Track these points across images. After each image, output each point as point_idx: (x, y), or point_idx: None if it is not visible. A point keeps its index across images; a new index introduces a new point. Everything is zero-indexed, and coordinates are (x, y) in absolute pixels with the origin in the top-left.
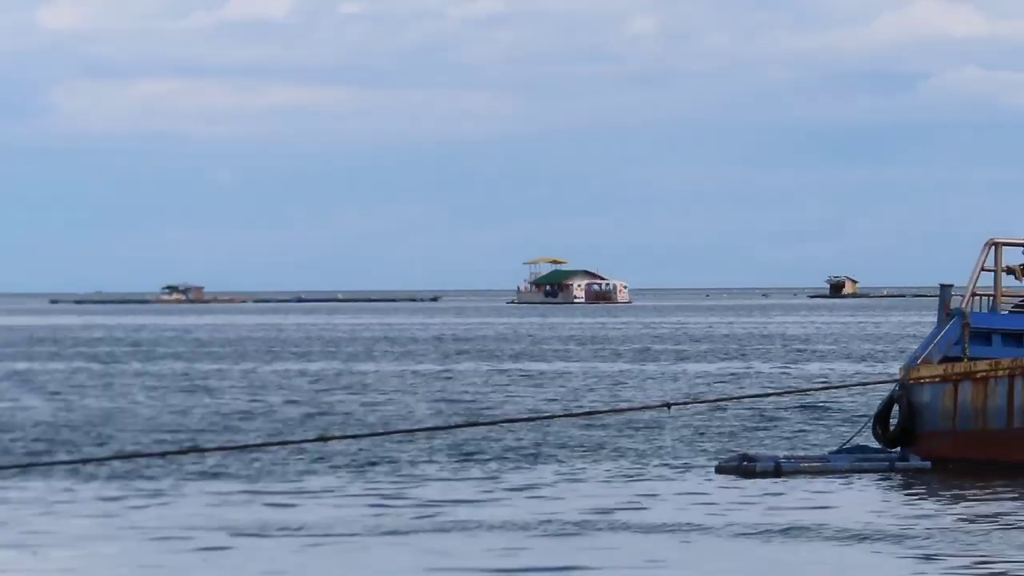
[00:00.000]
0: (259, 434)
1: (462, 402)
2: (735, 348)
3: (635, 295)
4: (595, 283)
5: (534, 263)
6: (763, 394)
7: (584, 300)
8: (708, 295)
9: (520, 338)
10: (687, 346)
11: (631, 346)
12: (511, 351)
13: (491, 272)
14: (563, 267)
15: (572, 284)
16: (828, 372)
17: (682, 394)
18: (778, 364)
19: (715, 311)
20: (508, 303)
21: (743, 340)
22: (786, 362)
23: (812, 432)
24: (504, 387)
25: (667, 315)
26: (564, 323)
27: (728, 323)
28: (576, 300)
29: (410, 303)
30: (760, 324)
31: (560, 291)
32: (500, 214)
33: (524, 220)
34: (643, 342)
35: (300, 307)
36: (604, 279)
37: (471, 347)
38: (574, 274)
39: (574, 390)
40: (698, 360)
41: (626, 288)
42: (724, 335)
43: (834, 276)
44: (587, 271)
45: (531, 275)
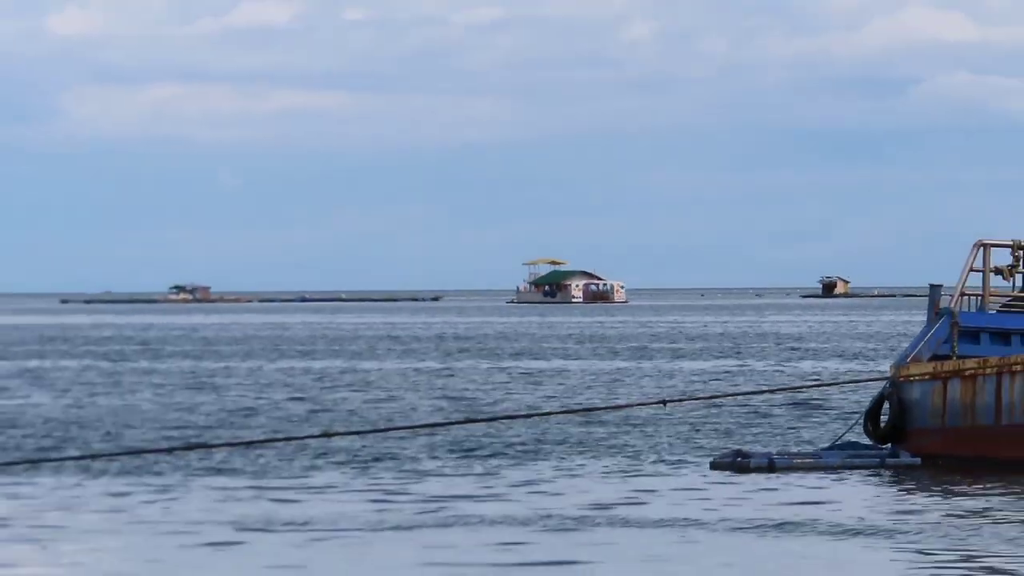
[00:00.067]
0: (264, 430)
1: (463, 399)
2: (730, 346)
3: (632, 295)
4: (593, 283)
5: (533, 264)
6: (757, 391)
7: (582, 300)
8: (703, 295)
9: (520, 337)
10: (683, 344)
11: (628, 344)
12: (511, 349)
13: (491, 272)
14: (561, 268)
15: (570, 284)
16: (820, 370)
17: (678, 391)
18: (772, 362)
19: (710, 310)
20: (508, 303)
21: (737, 339)
22: (780, 360)
23: (804, 429)
24: (504, 384)
25: (663, 314)
26: (563, 322)
27: (723, 322)
28: (574, 300)
29: (412, 303)
30: (754, 323)
31: (559, 291)
32: (500, 216)
33: (523, 221)
34: (640, 341)
35: (304, 306)
36: (601, 279)
37: (472, 345)
38: (572, 274)
39: (572, 387)
40: (694, 358)
41: (623, 288)
42: (719, 334)
43: (826, 276)
44: (585, 271)
45: (530, 275)
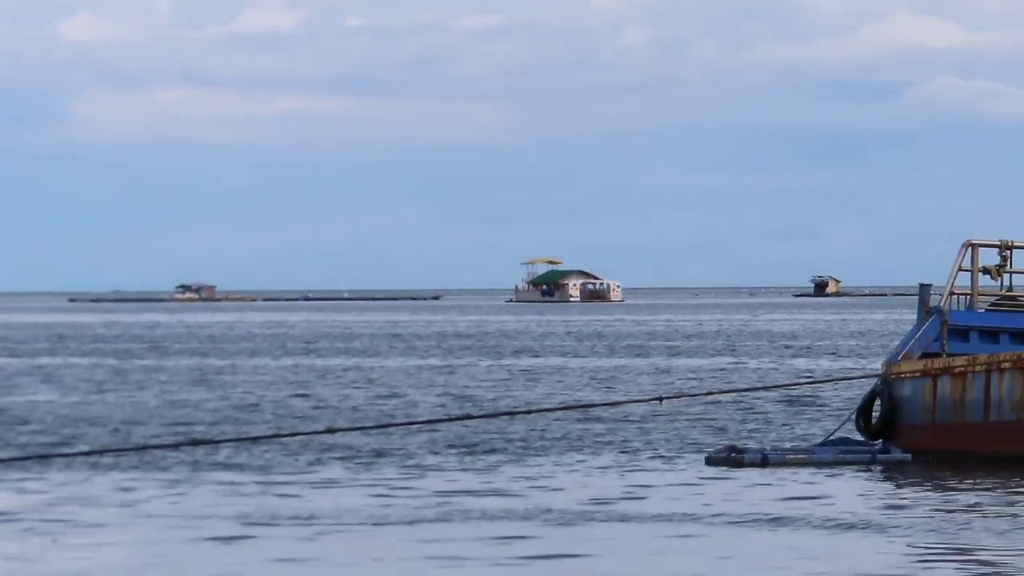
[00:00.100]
0: (269, 426)
1: (464, 396)
2: (724, 344)
3: (628, 294)
4: (590, 282)
5: (531, 263)
6: (751, 388)
7: (579, 299)
8: (697, 294)
9: (519, 335)
10: (678, 342)
11: (625, 343)
12: (511, 347)
13: (490, 272)
14: (559, 267)
15: (568, 283)
16: (813, 367)
17: (674, 388)
18: (766, 360)
19: (704, 309)
20: (507, 302)
21: (732, 337)
22: (773, 358)
23: (798, 425)
24: (504, 382)
25: (659, 313)
26: (560, 321)
27: (717, 320)
28: (572, 299)
29: (413, 301)
30: (748, 321)
31: (556, 290)
32: (499, 216)
33: (522, 222)
34: (636, 339)
35: (308, 305)
36: (598, 279)
37: (473, 343)
38: (570, 274)
39: (570, 385)
40: (689, 356)
41: (620, 287)
42: (714, 332)
43: (818, 276)
44: (582, 271)
45: (529, 275)
